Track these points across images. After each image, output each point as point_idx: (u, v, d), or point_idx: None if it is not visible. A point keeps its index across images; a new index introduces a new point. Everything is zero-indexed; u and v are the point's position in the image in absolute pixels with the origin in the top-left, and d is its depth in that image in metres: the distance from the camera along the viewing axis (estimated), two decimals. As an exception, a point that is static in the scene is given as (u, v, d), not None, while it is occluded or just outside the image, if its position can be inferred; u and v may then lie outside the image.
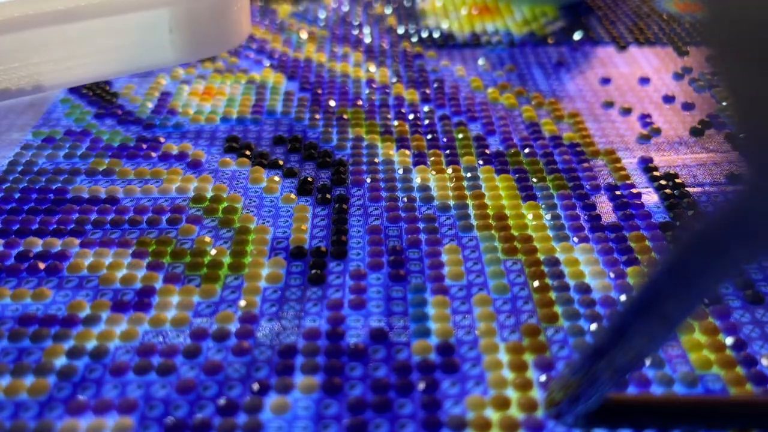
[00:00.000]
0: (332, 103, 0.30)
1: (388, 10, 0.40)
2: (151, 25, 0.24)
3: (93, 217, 0.23)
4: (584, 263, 0.21)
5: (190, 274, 0.21)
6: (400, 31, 0.37)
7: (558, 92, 0.31)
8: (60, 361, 0.18)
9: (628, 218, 0.23)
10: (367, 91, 0.31)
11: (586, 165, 0.26)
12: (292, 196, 0.24)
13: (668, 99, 0.30)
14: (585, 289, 0.20)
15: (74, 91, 0.31)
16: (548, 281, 0.21)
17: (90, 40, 0.23)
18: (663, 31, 0.37)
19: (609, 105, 0.30)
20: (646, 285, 0.13)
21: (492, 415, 0.17)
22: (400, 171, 0.25)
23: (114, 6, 0.22)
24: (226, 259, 0.21)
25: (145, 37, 0.24)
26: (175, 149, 0.27)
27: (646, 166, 0.26)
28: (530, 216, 0.23)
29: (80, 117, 0.29)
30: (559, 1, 0.39)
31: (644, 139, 0.28)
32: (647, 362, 0.18)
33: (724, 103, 0.30)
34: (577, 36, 0.36)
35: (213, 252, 0.21)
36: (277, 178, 0.25)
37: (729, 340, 0.19)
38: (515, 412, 0.17)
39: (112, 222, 0.23)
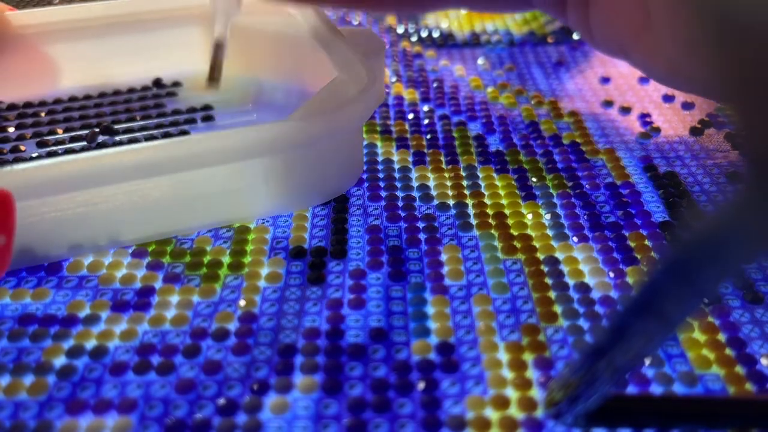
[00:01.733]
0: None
1: (388, 10, 0.40)
2: (244, 177, 0.22)
3: (92, 216, 0.23)
4: (584, 262, 0.21)
5: (189, 274, 0.21)
6: (400, 30, 0.37)
7: (557, 91, 0.31)
8: (60, 361, 0.18)
9: (627, 217, 0.23)
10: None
11: (585, 164, 0.26)
12: None
13: (668, 98, 0.30)
14: (584, 289, 0.20)
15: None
16: (548, 280, 0.21)
17: (176, 193, 0.21)
18: (662, 30, 0.37)
19: (608, 104, 0.30)
20: (645, 284, 0.13)
21: (491, 414, 0.17)
22: (400, 171, 0.25)
23: (202, 158, 0.20)
24: (226, 259, 0.21)
25: (237, 189, 0.22)
26: (174, 149, 0.27)
27: (646, 165, 0.26)
28: (530, 215, 0.23)
29: (80, 116, 0.29)
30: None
31: (644, 138, 0.28)
32: (647, 362, 0.18)
33: (723, 103, 0.30)
34: (576, 35, 0.36)
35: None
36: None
37: (728, 340, 0.19)
38: (515, 412, 0.17)
39: (111, 221, 0.23)
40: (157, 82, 0.30)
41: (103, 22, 0.29)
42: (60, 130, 0.27)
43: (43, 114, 0.28)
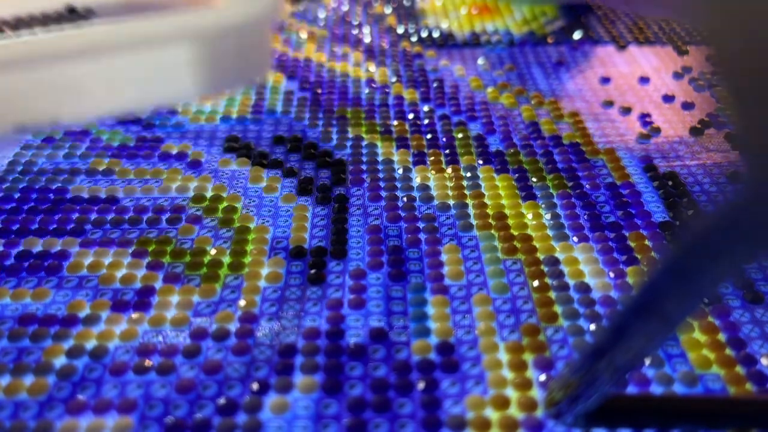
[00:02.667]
0: (332, 103, 0.30)
1: (388, 10, 0.40)
2: (171, 61, 0.23)
3: (93, 217, 0.23)
4: (584, 263, 0.21)
5: (189, 274, 0.21)
6: (400, 30, 0.37)
7: (558, 92, 0.31)
8: (60, 361, 0.18)
9: (627, 218, 0.23)
10: (366, 91, 0.31)
11: (585, 164, 0.26)
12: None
13: (668, 98, 0.30)
14: (584, 289, 0.20)
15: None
16: (548, 281, 0.21)
17: (108, 76, 0.22)
18: (663, 30, 0.37)
19: (609, 104, 0.30)
20: (645, 284, 0.13)
21: (492, 414, 0.17)
22: (400, 171, 0.25)
23: (133, 42, 0.22)
24: (226, 259, 0.21)
25: (165, 73, 0.24)
26: (174, 149, 0.27)
27: (646, 165, 0.26)
28: (530, 215, 0.23)
29: (80, 117, 0.29)
30: (559, 0, 0.39)
31: (644, 138, 0.28)
32: (647, 362, 0.18)
33: (723, 103, 0.30)
34: (576, 35, 0.36)
35: (213, 252, 0.21)
36: (277, 178, 0.25)
37: (728, 340, 0.19)
38: (515, 412, 0.17)
39: (112, 222, 0.23)
40: (72, 11, 0.29)
41: None
42: None
43: None
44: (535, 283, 0.20)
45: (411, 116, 0.29)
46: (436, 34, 0.36)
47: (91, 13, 0.29)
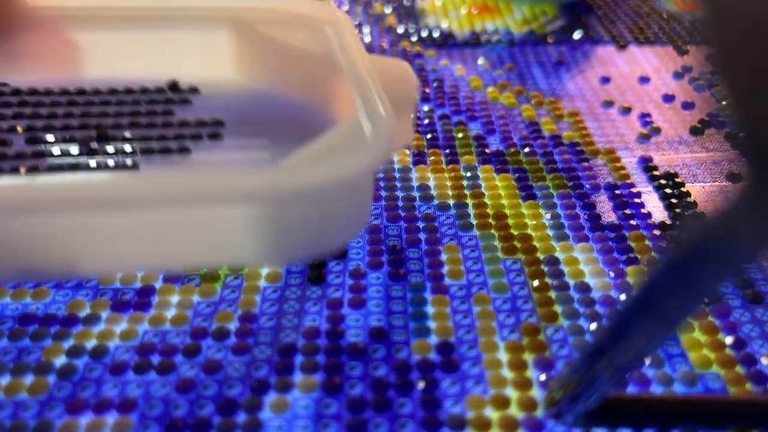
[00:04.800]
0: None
1: (388, 10, 0.40)
2: (225, 222, 0.18)
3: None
4: (584, 262, 0.21)
5: (189, 274, 0.21)
6: (400, 30, 0.37)
7: (558, 91, 0.31)
8: (60, 361, 0.18)
9: (627, 218, 0.23)
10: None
11: (585, 164, 0.26)
12: None
13: (668, 98, 0.30)
14: (584, 289, 0.20)
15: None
16: (548, 280, 0.21)
17: (147, 232, 0.18)
18: (663, 30, 0.37)
19: (609, 104, 0.30)
20: (645, 284, 0.13)
21: (492, 414, 0.17)
22: (400, 171, 0.25)
23: (181, 198, 0.17)
24: (226, 259, 0.21)
25: (215, 235, 0.18)
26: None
27: (646, 165, 0.26)
28: (530, 215, 0.23)
29: (80, 116, 0.29)
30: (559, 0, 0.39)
31: (644, 138, 0.28)
32: (647, 361, 0.18)
33: (724, 102, 0.30)
34: (576, 35, 0.36)
35: None
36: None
37: (729, 340, 0.19)
38: (515, 411, 0.17)
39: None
40: (173, 86, 0.26)
41: (127, 14, 0.26)
42: (53, 133, 0.24)
43: (45, 104, 0.25)
44: (535, 283, 0.20)
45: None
46: (436, 34, 0.36)
47: (195, 91, 0.26)
